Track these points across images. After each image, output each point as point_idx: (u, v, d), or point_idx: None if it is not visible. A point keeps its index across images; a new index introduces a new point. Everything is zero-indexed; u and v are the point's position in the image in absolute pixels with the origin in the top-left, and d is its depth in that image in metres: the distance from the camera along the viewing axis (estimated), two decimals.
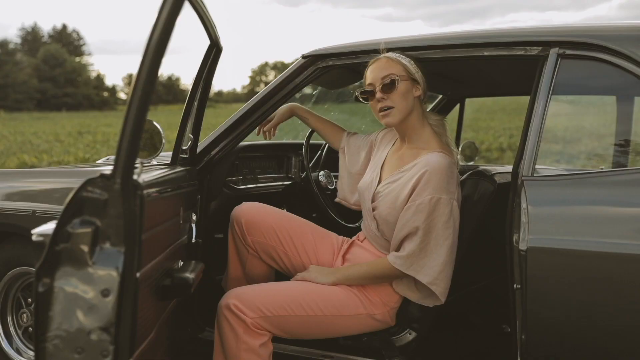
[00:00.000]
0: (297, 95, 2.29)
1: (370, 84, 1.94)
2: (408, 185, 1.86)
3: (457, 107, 3.37)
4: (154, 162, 1.87)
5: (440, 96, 3.29)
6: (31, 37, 69.92)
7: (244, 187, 2.61)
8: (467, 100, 3.35)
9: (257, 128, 2.32)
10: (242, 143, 2.44)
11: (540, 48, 1.79)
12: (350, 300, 1.94)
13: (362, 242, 2.09)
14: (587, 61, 1.72)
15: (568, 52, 1.74)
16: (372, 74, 1.94)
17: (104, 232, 1.19)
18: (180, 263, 1.78)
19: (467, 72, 2.56)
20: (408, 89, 1.91)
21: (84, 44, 73.19)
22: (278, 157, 2.92)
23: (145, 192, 1.28)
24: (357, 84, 2.66)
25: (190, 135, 2.00)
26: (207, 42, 1.84)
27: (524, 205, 1.65)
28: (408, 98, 1.91)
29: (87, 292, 1.17)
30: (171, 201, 1.66)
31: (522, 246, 1.63)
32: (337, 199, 2.31)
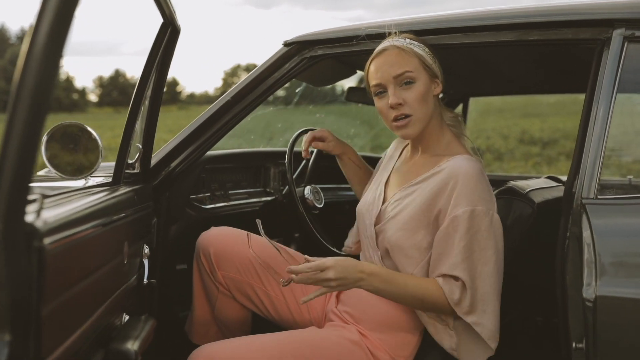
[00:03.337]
0: (281, 93, 1.83)
1: (378, 85, 1.49)
2: (427, 198, 1.44)
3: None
4: (91, 182, 1.40)
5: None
6: None
7: (212, 206, 2.13)
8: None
9: (304, 148, 1.80)
10: (209, 152, 1.98)
11: (599, 29, 1.37)
12: (351, 357, 1.50)
13: None
14: None
15: (638, 33, 1.32)
16: (381, 72, 1.48)
17: None
18: (126, 318, 1.32)
19: (474, 66, 2.14)
20: (427, 88, 1.47)
21: None
22: (253, 167, 2.43)
23: (50, 239, 0.82)
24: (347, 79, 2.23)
25: (138, 145, 1.52)
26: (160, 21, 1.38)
27: (587, 237, 1.22)
28: (428, 100, 1.48)
29: None
30: (108, 238, 1.19)
31: (588, 294, 1.20)
32: (344, 249, 1.86)
